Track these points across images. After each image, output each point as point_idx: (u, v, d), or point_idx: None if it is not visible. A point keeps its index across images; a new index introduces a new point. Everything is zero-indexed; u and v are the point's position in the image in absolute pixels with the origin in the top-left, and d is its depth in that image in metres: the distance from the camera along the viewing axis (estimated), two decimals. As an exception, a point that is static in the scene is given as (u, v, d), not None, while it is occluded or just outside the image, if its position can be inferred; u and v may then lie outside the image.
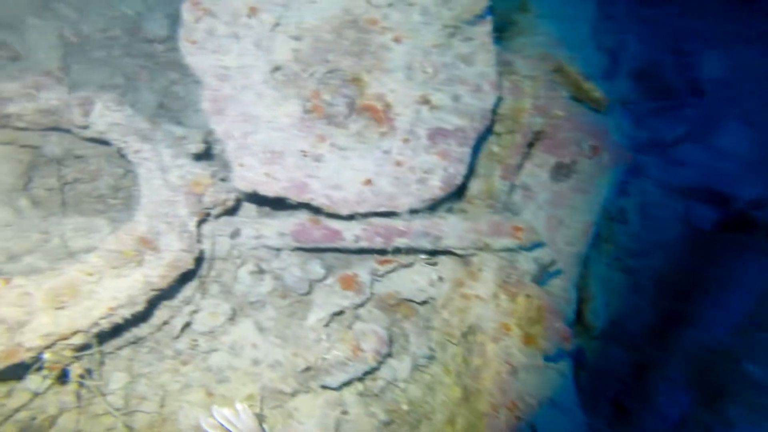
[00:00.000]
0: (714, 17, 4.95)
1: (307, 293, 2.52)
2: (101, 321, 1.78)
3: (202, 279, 2.30)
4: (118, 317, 1.84)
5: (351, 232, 2.40)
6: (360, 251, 2.55)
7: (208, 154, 2.67)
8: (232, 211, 2.43)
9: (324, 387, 2.30)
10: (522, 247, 2.64)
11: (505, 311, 2.47)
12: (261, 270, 2.47)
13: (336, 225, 2.39)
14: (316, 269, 2.55)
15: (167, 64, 3.22)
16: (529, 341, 2.43)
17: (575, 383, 2.87)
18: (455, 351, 2.58)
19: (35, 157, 2.44)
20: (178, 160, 2.24)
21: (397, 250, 2.51)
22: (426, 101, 2.40)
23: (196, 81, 2.33)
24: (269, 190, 2.16)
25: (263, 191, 2.16)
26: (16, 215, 2.24)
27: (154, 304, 2.06)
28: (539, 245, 2.74)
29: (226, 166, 2.34)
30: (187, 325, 2.27)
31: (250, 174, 2.15)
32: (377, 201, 2.27)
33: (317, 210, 2.31)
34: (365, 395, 2.48)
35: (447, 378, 2.56)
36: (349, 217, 2.35)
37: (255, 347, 2.32)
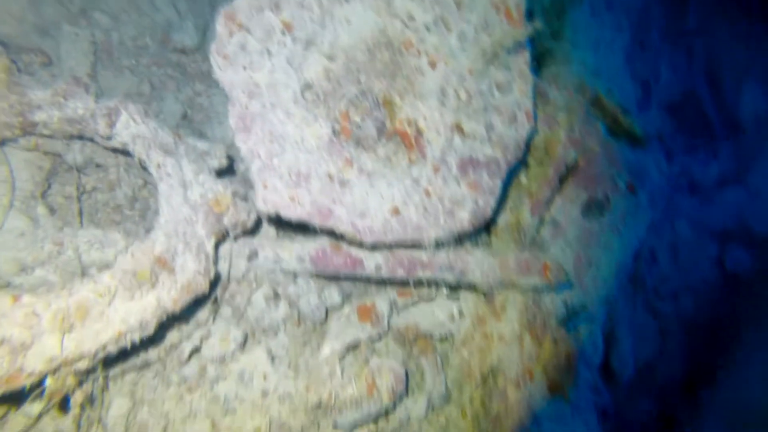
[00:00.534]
0: (753, 49, 4.77)
1: (323, 321, 2.41)
2: (109, 345, 1.69)
3: (215, 301, 2.20)
4: (126, 341, 1.75)
5: (373, 261, 2.29)
6: (381, 281, 2.44)
7: (230, 168, 2.61)
8: (250, 232, 2.35)
9: (335, 428, 2.17)
10: (550, 287, 2.51)
11: (530, 355, 2.33)
12: (276, 294, 2.37)
13: (358, 253, 2.29)
14: (333, 296, 2.45)
15: (194, 74, 3.19)
16: (555, 389, 2.28)
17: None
18: (473, 393, 2.44)
19: (56, 164, 2.40)
20: (200, 176, 2.17)
21: (419, 282, 2.40)
22: (459, 129, 2.30)
23: (222, 93, 2.28)
24: (293, 214, 2.07)
25: (286, 215, 2.07)
26: (31, 224, 2.18)
27: (165, 327, 1.97)
28: (567, 285, 2.61)
29: (247, 183, 2.26)
30: (196, 350, 2.18)
31: (274, 196, 2.06)
32: (403, 232, 2.16)
33: (340, 236, 2.21)
34: (377, 435, 2.35)
35: (463, 422, 2.41)
36: (372, 247, 2.24)
37: (265, 377, 2.21)
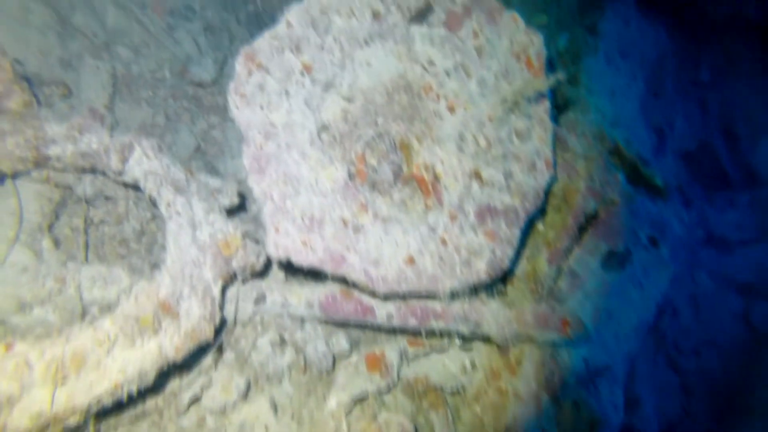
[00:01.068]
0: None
1: (330, 370, 2.29)
2: (104, 398, 1.59)
3: (219, 348, 2.10)
4: (123, 393, 1.65)
5: (384, 309, 2.20)
6: (391, 330, 2.34)
7: (242, 205, 2.55)
8: (259, 274, 2.27)
9: (339, 490, 2.03)
10: (568, 342, 2.39)
11: (549, 417, 2.19)
12: (283, 340, 2.27)
13: (369, 300, 2.20)
14: (341, 343, 2.34)
15: (210, 107, 3.19)
16: (574, 456, 2.14)
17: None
18: (486, 454, 2.29)
19: (65, 196, 2.36)
20: (210, 215, 2.11)
21: (431, 332, 2.29)
22: (477, 176, 2.24)
23: (236, 128, 2.24)
24: (304, 260, 1.99)
25: (298, 261, 1.99)
26: (35, 258, 2.12)
27: (165, 375, 1.87)
28: (585, 339, 2.49)
29: (258, 223, 2.20)
30: (197, 399, 2.06)
31: (286, 241, 1.99)
32: (418, 282, 2.07)
33: (352, 284, 2.12)
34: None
35: (475, 486, 2.26)
36: (385, 297, 2.15)
37: (267, 430, 2.08)
